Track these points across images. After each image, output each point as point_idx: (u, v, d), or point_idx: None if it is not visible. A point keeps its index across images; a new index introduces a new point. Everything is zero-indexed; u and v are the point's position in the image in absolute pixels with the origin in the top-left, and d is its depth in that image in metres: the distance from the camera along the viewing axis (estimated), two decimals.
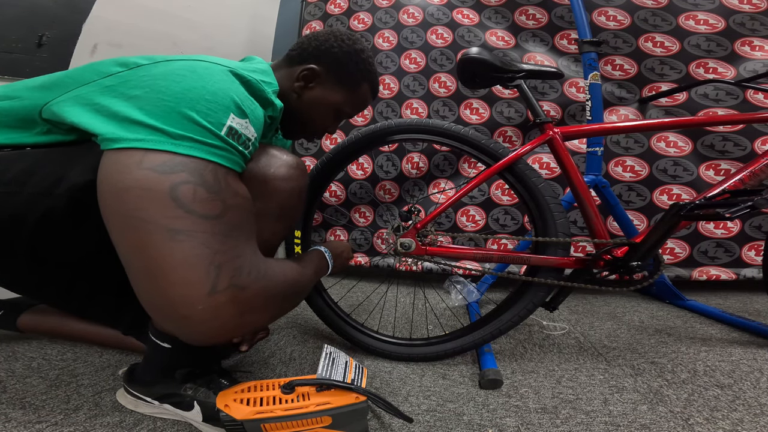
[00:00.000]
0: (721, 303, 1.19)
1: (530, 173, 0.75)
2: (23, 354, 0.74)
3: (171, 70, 0.43)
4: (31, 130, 0.48)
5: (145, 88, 0.41)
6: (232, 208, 0.41)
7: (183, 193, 0.37)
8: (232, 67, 0.47)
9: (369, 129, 0.82)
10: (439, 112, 1.44)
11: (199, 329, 0.38)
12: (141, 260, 0.37)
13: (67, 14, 1.18)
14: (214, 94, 0.42)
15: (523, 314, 0.75)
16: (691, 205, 0.65)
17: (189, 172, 0.38)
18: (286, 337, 0.91)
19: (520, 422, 0.59)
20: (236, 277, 0.39)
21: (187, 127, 0.39)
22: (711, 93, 1.25)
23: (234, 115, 0.43)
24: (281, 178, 0.53)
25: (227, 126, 0.42)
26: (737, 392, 0.67)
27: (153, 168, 0.37)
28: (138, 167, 0.37)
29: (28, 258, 0.46)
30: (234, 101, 0.43)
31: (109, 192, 0.38)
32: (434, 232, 0.78)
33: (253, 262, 0.42)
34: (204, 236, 0.37)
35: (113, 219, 0.38)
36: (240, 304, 0.39)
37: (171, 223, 0.36)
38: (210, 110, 0.41)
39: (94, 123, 0.40)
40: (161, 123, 0.39)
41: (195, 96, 0.40)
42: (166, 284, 0.36)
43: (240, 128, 0.43)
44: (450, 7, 1.47)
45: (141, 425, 0.55)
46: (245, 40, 1.63)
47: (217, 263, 0.38)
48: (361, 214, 1.51)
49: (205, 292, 0.37)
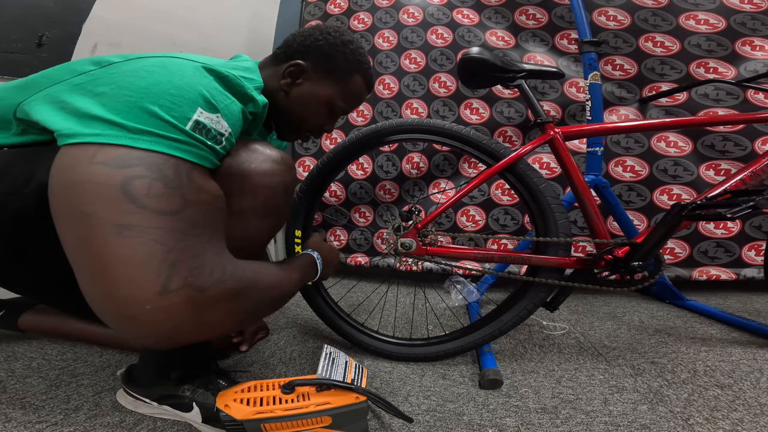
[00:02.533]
0: (721, 303, 1.19)
1: (531, 173, 0.75)
2: (23, 354, 0.74)
3: (140, 66, 0.42)
4: (9, 131, 0.47)
5: (111, 85, 0.40)
6: (194, 205, 0.39)
7: (136, 188, 0.35)
8: (209, 64, 0.46)
9: (369, 129, 0.82)
10: (439, 112, 1.44)
11: (148, 330, 0.36)
12: (86, 257, 0.35)
13: (67, 14, 1.18)
14: (179, 88, 0.41)
15: (524, 314, 0.75)
16: (693, 205, 0.65)
17: (145, 166, 0.37)
18: (286, 337, 0.91)
19: (520, 422, 0.59)
20: (193, 277, 0.36)
21: (148, 122, 0.38)
22: (711, 93, 1.25)
23: (202, 110, 0.41)
24: (264, 173, 0.51)
25: (193, 120, 0.40)
26: (737, 392, 0.67)
27: (105, 162, 0.36)
28: (90, 161, 0.36)
29: (12, 256, 0.45)
30: (202, 95, 0.42)
31: (58, 186, 0.37)
32: (434, 232, 0.78)
33: (216, 262, 0.39)
34: (157, 232, 0.35)
35: (60, 214, 0.37)
36: (197, 305, 0.37)
37: (119, 218, 0.34)
38: (174, 104, 0.40)
39: (54, 119, 0.39)
40: (121, 118, 0.38)
41: (158, 90, 0.39)
42: (110, 282, 0.35)
43: (209, 123, 0.42)
44: (450, 7, 1.47)
45: (141, 425, 0.55)
46: (245, 40, 1.63)
47: (170, 261, 0.35)
48: (361, 214, 1.51)
49: (154, 291, 0.34)
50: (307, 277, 0.60)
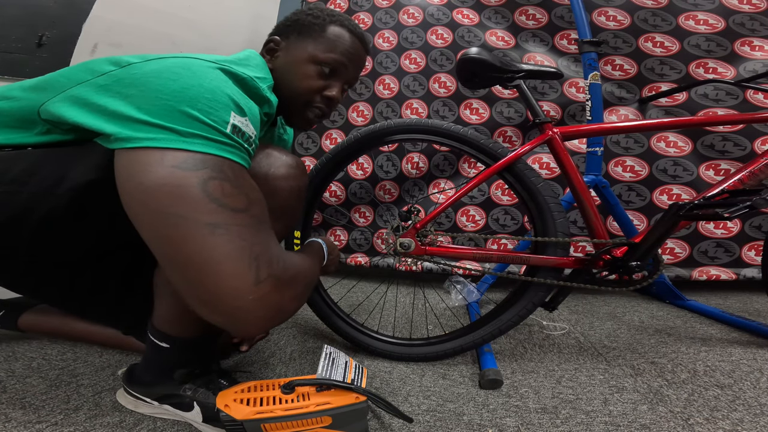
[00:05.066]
0: (721, 303, 1.19)
1: (530, 173, 0.75)
2: (23, 354, 0.74)
3: (164, 67, 0.42)
4: (32, 130, 0.48)
5: (140, 87, 0.41)
6: (255, 202, 0.42)
7: (213, 188, 0.38)
8: (226, 65, 0.46)
9: (369, 129, 0.82)
10: (439, 112, 1.44)
11: (249, 319, 0.39)
12: (182, 255, 0.37)
13: (67, 14, 1.18)
14: (212, 92, 0.41)
15: (523, 314, 0.75)
16: (690, 205, 0.65)
17: (211, 168, 0.39)
18: (286, 337, 0.91)
19: (520, 422, 0.59)
20: (271, 267, 0.40)
21: (194, 126, 0.39)
22: (711, 93, 1.25)
23: (235, 114, 0.43)
24: (281, 177, 0.54)
25: (231, 124, 0.42)
26: (737, 392, 0.67)
27: (177, 165, 0.37)
28: (161, 165, 0.37)
29: (28, 258, 0.46)
30: (232, 99, 0.43)
31: (137, 190, 0.38)
32: (434, 232, 0.78)
33: (279, 253, 0.43)
34: (239, 229, 0.38)
35: (145, 217, 0.38)
36: (281, 291, 0.41)
37: (208, 218, 0.37)
38: (212, 108, 0.41)
39: (98, 123, 0.40)
40: (167, 122, 0.39)
41: (194, 94, 0.40)
42: (213, 278, 0.37)
43: (242, 126, 0.43)
44: (450, 8, 1.47)
45: (141, 425, 0.55)
46: (245, 40, 1.63)
47: (255, 254, 0.39)
48: (361, 214, 1.51)
49: (251, 282, 0.38)
50: (320, 264, 0.64)
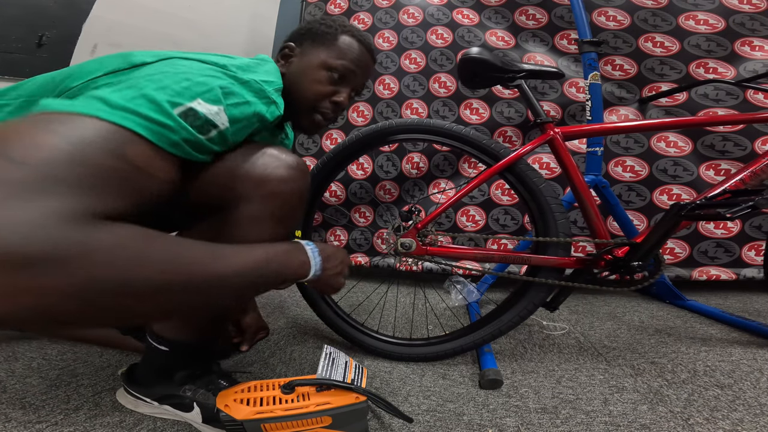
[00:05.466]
0: (721, 303, 1.19)
1: (531, 173, 0.75)
2: (23, 354, 0.74)
3: (172, 65, 0.44)
4: None
5: (140, 79, 0.41)
6: (76, 167, 0.32)
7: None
8: (232, 67, 0.47)
9: (369, 129, 0.82)
10: (439, 112, 1.44)
11: None
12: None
13: (67, 14, 1.18)
14: (188, 80, 0.42)
15: (524, 314, 0.75)
16: (692, 205, 0.65)
17: (73, 126, 0.35)
18: (286, 337, 0.91)
19: (520, 422, 0.59)
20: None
21: (136, 102, 0.38)
22: (711, 93, 1.25)
23: (202, 101, 0.42)
24: (280, 179, 0.51)
25: (187, 107, 0.41)
26: (737, 392, 0.67)
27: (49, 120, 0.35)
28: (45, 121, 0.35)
29: None
30: (209, 89, 0.43)
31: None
32: (434, 232, 0.78)
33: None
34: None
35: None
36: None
37: None
38: (175, 93, 0.41)
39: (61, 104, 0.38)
40: (115, 99, 0.38)
41: (171, 81, 0.41)
42: None
43: (205, 112, 0.42)
44: (450, 8, 1.47)
45: (141, 425, 0.55)
46: (245, 40, 1.63)
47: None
48: (361, 214, 1.51)
49: None
50: (283, 268, 0.46)
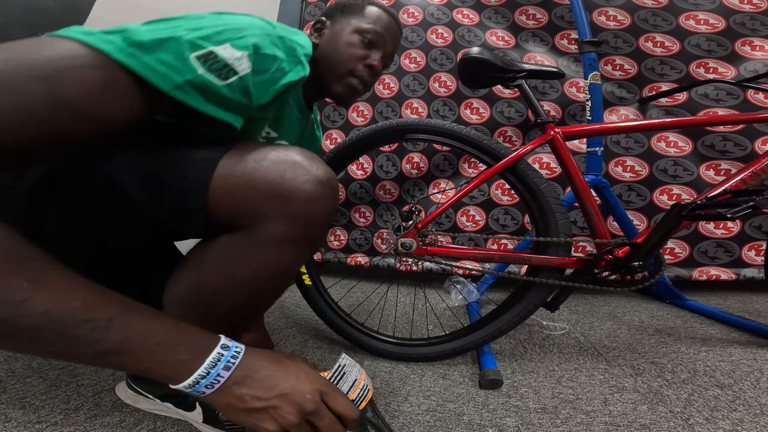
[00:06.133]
0: (721, 303, 1.19)
1: (532, 173, 0.75)
2: (23, 354, 0.74)
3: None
4: None
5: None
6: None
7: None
8: (276, 27, 0.47)
9: (370, 129, 0.82)
10: (440, 112, 1.44)
11: None
12: None
13: (67, 14, 1.18)
14: (226, 24, 0.42)
15: (524, 314, 0.75)
16: (693, 205, 0.65)
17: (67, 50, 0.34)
18: (286, 338, 0.91)
19: (520, 422, 0.59)
20: None
21: (158, 34, 0.38)
22: (711, 93, 1.25)
23: (230, 45, 0.41)
24: (307, 199, 0.44)
25: (208, 50, 0.39)
26: (737, 392, 0.67)
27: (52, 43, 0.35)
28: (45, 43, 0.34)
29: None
30: (242, 36, 0.42)
31: None
32: (435, 232, 0.78)
33: None
34: None
35: None
36: None
37: None
38: (207, 34, 0.40)
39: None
40: (136, 36, 0.38)
41: (208, 23, 0.41)
42: None
43: (226, 56, 0.40)
44: (450, 7, 1.47)
45: (141, 425, 0.55)
46: None
47: None
48: (361, 214, 1.51)
49: None
50: (148, 354, 0.33)
